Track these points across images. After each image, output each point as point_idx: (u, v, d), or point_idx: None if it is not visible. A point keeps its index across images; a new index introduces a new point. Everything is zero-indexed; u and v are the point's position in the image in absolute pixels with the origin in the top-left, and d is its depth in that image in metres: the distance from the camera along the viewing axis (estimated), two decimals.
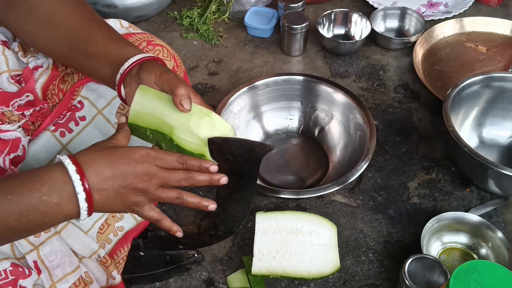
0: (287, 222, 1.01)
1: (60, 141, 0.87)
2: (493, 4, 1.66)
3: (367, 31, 1.49)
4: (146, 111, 0.74)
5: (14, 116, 0.82)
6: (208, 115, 0.73)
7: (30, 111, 0.84)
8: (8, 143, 0.78)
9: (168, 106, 0.73)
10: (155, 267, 1.00)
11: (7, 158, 0.78)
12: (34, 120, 0.85)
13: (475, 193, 1.17)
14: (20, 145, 0.80)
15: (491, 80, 1.19)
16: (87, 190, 0.65)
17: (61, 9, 0.82)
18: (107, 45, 0.79)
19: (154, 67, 0.74)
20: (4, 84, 0.84)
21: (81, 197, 0.65)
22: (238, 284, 1.02)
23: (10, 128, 0.79)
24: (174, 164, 0.71)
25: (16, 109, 0.82)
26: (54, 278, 0.80)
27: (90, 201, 0.66)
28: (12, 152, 0.79)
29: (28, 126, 0.85)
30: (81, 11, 0.83)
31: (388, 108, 1.36)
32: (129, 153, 0.69)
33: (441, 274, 0.93)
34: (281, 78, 1.28)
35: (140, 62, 0.75)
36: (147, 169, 0.68)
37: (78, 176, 0.65)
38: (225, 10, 1.63)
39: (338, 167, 1.20)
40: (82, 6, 0.84)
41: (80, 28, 0.81)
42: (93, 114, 0.90)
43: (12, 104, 0.82)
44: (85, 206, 0.66)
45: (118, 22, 1.01)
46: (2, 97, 0.82)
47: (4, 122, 0.80)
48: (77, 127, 0.88)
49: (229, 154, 0.76)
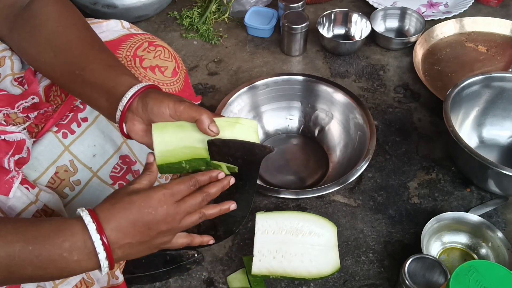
0: (287, 222, 1.01)
1: (63, 142, 0.87)
2: (493, 4, 1.66)
3: (367, 31, 1.49)
4: (173, 146, 0.74)
5: (19, 118, 0.82)
6: (236, 122, 0.75)
7: (34, 113, 0.84)
8: (12, 145, 0.79)
9: (193, 131, 0.73)
10: (155, 267, 1.00)
11: (11, 159, 0.78)
12: (38, 123, 0.86)
13: (475, 193, 1.17)
14: (25, 147, 0.81)
15: (491, 80, 1.19)
16: (107, 249, 0.66)
17: (63, 33, 0.81)
18: (103, 74, 0.77)
19: (163, 99, 0.73)
20: (8, 87, 0.84)
21: (101, 257, 0.66)
22: (238, 284, 1.02)
23: (15, 130, 0.79)
24: (189, 190, 0.72)
25: (21, 111, 0.83)
26: (56, 280, 0.80)
27: (111, 257, 0.66)
28: (16, 153, 0.79)
29: (32, 128, 0.85)
30: (83, 37, 0.82)
31: (388, 108, 1.36)
32: (146, 200, 0.68)
33: (441, 274, 0.93)
34: (281, 78, 1.28)
35: (138, 94, 0.74)
36: (167, 211, 0.69)
37: (99, 235, 0.65)
38: (225, 10, 1.63)
39: (338, 167, 1.20)
40: (85, 31, 0.83)
41: (79, 54, 0.79)
42: (95, 115, 0.90)
43: (18, 106, 0.82)
44: (106, 264, 0.67)
45: (120, 23, 1.01)
46: (7, 99, 0.82)
47: (9, 123, 0.80)
48: (79, 128, 0.88)
49: (229, 156, 0.76)
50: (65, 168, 0.87)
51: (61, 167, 0.87)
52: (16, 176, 0.77)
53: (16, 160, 0.79)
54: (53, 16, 0.82)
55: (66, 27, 0.82)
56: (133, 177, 0.96)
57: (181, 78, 1.00)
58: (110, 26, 0.99)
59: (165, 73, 0.96)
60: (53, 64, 0.80)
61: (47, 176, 0.86)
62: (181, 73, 1.01)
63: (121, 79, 0.76)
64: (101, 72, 0.78)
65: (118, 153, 0.93)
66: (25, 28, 0.82)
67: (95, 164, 0.91)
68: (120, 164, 0.94)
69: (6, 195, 0.75)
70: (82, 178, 0.90)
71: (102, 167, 0.92)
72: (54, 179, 0.86)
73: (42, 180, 0.85)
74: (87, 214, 0.66)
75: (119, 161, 0.93)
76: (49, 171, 0.86)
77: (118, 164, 0.94)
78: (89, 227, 0.65)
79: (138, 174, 0.97)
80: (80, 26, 0.83)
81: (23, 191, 0.78)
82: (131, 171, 0.96)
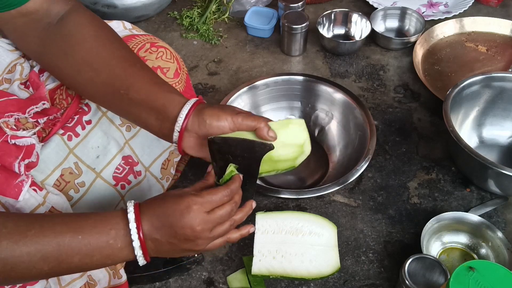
0: (287, 222, 1.01)
1: (68, 145, 0.87)
2: (493, 4, 1.66)
3: (367, 31, 1.49)
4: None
5: (29, 123, 0.82)
6: (289, 122, 0.80)
7: (44, 119, 0.84)
8: (22, 149, 0.79)
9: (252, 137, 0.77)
10: (155, 267, 1.00)
11: (22, 163, 0.78)
12: (46, 127, 0.86)
13: (475, 193, 1.17)
14: (34, 151, 0.81)
15: (491, 80, 1.19)
16: (141, 239, 0.68)
17: (103, 53, 0.80)
18: (150, 93, 0.78)
19: (220, 114, 0.76)
20: (16, 91, 0.84)
21: (136, 245, 0.68)
22: (238, 284, 1.02)
23: (25, 135, 0.80)
24: (223, 201, 0.73)
25: (32, 117, 0.83)
26: (62, 283, 0.80)
27: (145, 248, 0.68)
28: (26, 158, 0.79)
29: (41, 133, 0.85)
30: (123, 56, 0.81)
31: (388, 108, 1.36)
32: (177, 201, 0.70)
33: (441, 274, 0.93)
34: (281, 78, 1.28)
35: (192, 111, 0.76)
36: (193, 220, 0.69)
37: (135, 224, 0.67)
38: (225, 10, 1.63)
39: (338, 167, 1.20)
40: (124, 50, 0.82)
41: (121, 73, 0.79)
42: (98, 116, 0.90)
43: (29, 111, 0.82)
44: (140, 253, 0.68)
45: (121, 24, 1.01)
46: (18, 104, 0.82)
47: (20, 128, 0.80)
48: (83, 131, 0.89)
49: (229, 154, 0.76)
50: (70, 171, 0.88)
51: (66, 170, 0.87)
52: (26, 180, 0.78)
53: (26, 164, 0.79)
54: (90, 35, 0.81)
55: (105, 46, 0.81)
56: (135, 178, 0.96)
57: (183, 79, 1.00)
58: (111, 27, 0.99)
59: (167, 74, 0.96)
60: (95, 83, 0.80)
61: (52, 178, 0.86)
62: (183, 74, 1.00)
63: (170, 98, 0.78)
64: (148, 90, 0.78)
65: (121, 154, 0.93)
66: (60, 46, 0.81)
67: (98, 165, 0.91)
68: (123, 164, 0.94)
69: (16, 198, 0.76)
70: (86, 180, 0.90)
71: (105, 168, 0.92)
72: (59, 181, 0.87)
73: (48, 182, 0.86)
74: (131, 205, 0.69)
75: (121, 161, 0.93)
76: (55, 174, 0.86)
77: (121, 164, 0.94)
78: (129, 217, 0.68)
79: (140, 174, 0.97)
80: (118, 44, 0.83)
81: (31, 193, 0.79)
82: (133, 171, 0.96)
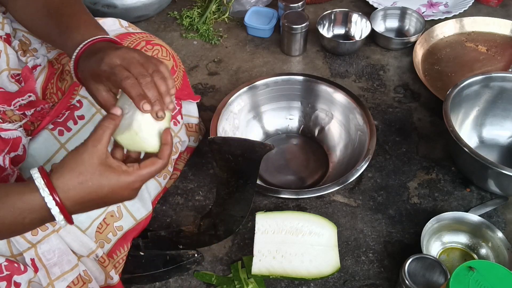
0: (287, 222, 1.01)
1: (59, 139, 0.87)
2: (493, 4, 1.66)
3: (367, 31, 1.49)
4: None
5: (15, 115, 0.82)
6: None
7: (31, 111, 0.84)
8: (8, 142, 0.78)
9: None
10: (155, 267, 1.00)
11: (7, 157, 0.78)
12: (34, 120, 0.86)
13: (475, 193, 1.17)
14: (21, 144, 0.81)
15: (491, 80, 1.19)
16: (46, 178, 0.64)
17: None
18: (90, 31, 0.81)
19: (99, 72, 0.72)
20: (5, 83, 0.84)
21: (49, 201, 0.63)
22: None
23: (11, 127, 0.79)
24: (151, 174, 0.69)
25: (18, 109, 0.82)
26: (52, 276, 0.80)
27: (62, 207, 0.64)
28: (12, 151, 0.79)
29: (28, 126, 0.85)
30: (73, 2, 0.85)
31: (388, 108, 1.36)
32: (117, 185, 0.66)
33: (441, 274, 0.92)
34: (281, 78, 1.28)
35: (93, 43, 0.76)
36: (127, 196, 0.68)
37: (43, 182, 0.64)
38: (225, 10, 1.63)
39: (338, 167, 1.20)
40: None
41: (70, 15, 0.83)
42: (92, 113, 0.90)
43: (14, 103, 0.82)
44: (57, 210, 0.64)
45: (118, 22, 1.01)
46: (4, 96, 0.82)
47: (5, 121, 0.80)
48: (75, 126, 0.88)
49: (229, 154, 0.76)
50: None
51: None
52: (12, 174, 0.77)
53: (12, 158, 0.79)
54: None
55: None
56: None
57: (179, 77, 1.00)
58: (107, 25, 0.99)
59: None
60: (37, 11, 0.84)
61: None
62: (179, 72, 1.00)
63: (98, 32, 0.80)
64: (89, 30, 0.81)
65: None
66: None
67: None
68: None
69: None
70: None
71: None
72: None
73: None
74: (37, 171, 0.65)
75: None
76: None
77: None
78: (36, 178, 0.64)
79: None
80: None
81: None
82: None
